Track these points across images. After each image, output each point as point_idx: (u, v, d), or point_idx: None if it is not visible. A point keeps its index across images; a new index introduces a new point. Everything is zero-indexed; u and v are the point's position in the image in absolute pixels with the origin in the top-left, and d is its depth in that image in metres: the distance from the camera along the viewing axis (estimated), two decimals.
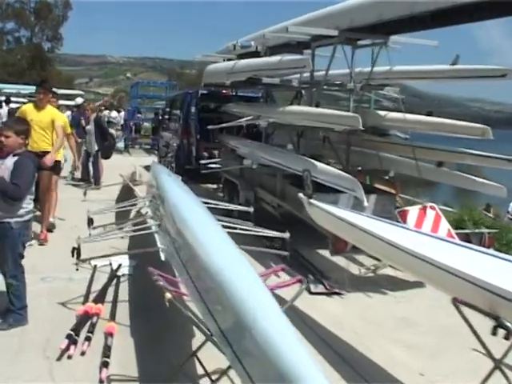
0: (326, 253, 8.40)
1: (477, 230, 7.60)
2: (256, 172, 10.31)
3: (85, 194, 11.80)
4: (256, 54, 11.05)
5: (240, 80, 10.77)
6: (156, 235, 5.72)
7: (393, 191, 8.79)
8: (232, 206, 7.45)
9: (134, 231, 6.27)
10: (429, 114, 8.19)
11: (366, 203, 6.51)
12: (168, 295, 3.45)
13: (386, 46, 8.46)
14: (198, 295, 3.61)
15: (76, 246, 5.72)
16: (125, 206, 8.01)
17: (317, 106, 8.35)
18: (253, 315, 2.83)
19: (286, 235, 6.18)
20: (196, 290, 3.63)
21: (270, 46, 10.84)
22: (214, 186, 14.68)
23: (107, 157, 14.42)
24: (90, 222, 7.00)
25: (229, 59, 12.98)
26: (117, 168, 15.40)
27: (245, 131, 12.55)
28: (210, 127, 10.74)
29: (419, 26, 7.53)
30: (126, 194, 12.10)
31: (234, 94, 14.26)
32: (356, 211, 6.61)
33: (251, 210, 7.47)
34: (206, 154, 14.98)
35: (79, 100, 15.57)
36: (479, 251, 5.07)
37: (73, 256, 5.74)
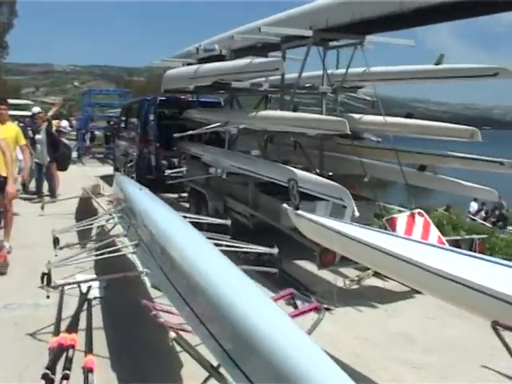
0: (305, 264, 8.02)
1: (467, 236, 7.32)
2: (224, 180, 9.87)
3: (42, 207, 11.12)
4: (219, 58, 10.61)
5: (204, 85, 10.32)
6: (135, 257, 5.17)
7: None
8: (209, 219, 6.92)
9: (110, 252, 5.65)
10: (409, 116, 7.89)
11: (356, 212, 6.11)
12: (173, 334, 2.92)
13: (362, 46, 8.12)
14: (202, 325, 3.14)
15: (46, 271, 5.11)
16: (92, 223, 7.39)
17: (294, 110, 7.95)
18: (274, 341, 2.49)
19: (275, 251, 5.71)
20: (199, 321, 3.15)
21: (235, 49, 10.46)
22: (175, 195, 14.18)
23: (64, 168, 13.68)
24: (56, 241, 6.39)
25: (189, 64, 12.52)
26: (72, 179, 14.70)
27: (207, 137, 12.16)
28: (176, 135, 10.23)
29: (398, 24, 7.21)
30: (86, 206, 11.49)
31: (194, 99, 13.76)
32: (345, 221, 6.22)
33: (228, 222, 6.99)
34: (164, 162, 14.49)
35: (36, 109, 14.74)
36: (479, 258, 4.78)
37: (42, 282, 5.14)
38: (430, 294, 4.86)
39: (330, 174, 9.23)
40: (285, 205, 6.54)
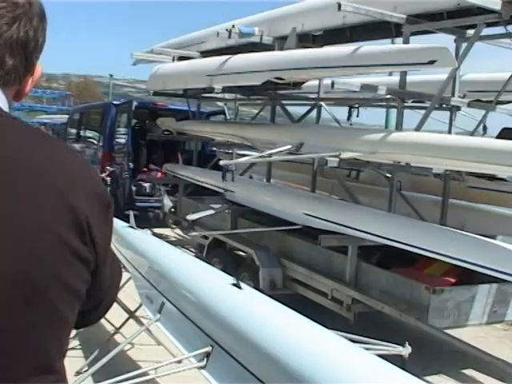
0: None
1: None
2: (281, 234, 6.38)
3: None
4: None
5: (242, 85, 6.87)
6: None
7: None
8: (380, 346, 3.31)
9: None
10: None
11: None
12: None
13: None
14: None
15: None
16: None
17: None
18: None
19: None
20: None
21: (280, 37, 7.07)
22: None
23: None
24: None
25: (183, 57, 9.02)
26: None
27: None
28: (222, 163, 6.43)
29: None
30: None
31: (183, 108, 10.37)
32: None
33: (407, 351, 3.48)
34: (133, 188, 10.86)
35: None
36: None
37: None
38: None
39: None
40: None
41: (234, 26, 7.26)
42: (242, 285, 3.27)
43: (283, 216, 6.18)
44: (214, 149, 10.39)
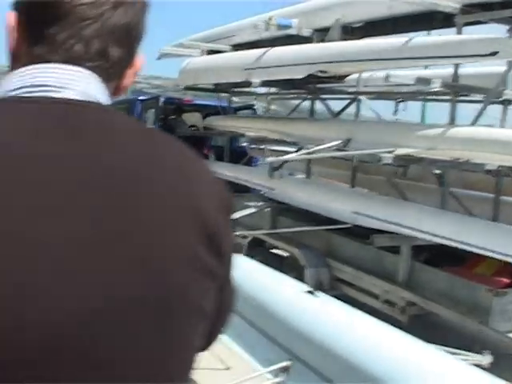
0: None
1: None
2: (326, 233, 6.19)
3: None
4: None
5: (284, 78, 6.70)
6: None
7: None
8: None
9: None
10: None
11: None
12: None
13: None
14: None
15: None
16: None
17: None
18: None
19: None
20: None
21: (319, 29, 6.86)
22: None
23: None
24: None
25: (212, 52, 8.78)
26: None
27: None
28: (269, 160, 6.21)
29: None
30: None
31: (212, 103, 10.18)
32: None
33: (487, 360, 3.29)
34: None
35: None
36: None
37: None
38: None
39: None
40: None
41: (271, 18, 7.06)
42: (318, 292, 3.11)
43: (328, 214, 5.98)
44: (244, 144, 10.15)
